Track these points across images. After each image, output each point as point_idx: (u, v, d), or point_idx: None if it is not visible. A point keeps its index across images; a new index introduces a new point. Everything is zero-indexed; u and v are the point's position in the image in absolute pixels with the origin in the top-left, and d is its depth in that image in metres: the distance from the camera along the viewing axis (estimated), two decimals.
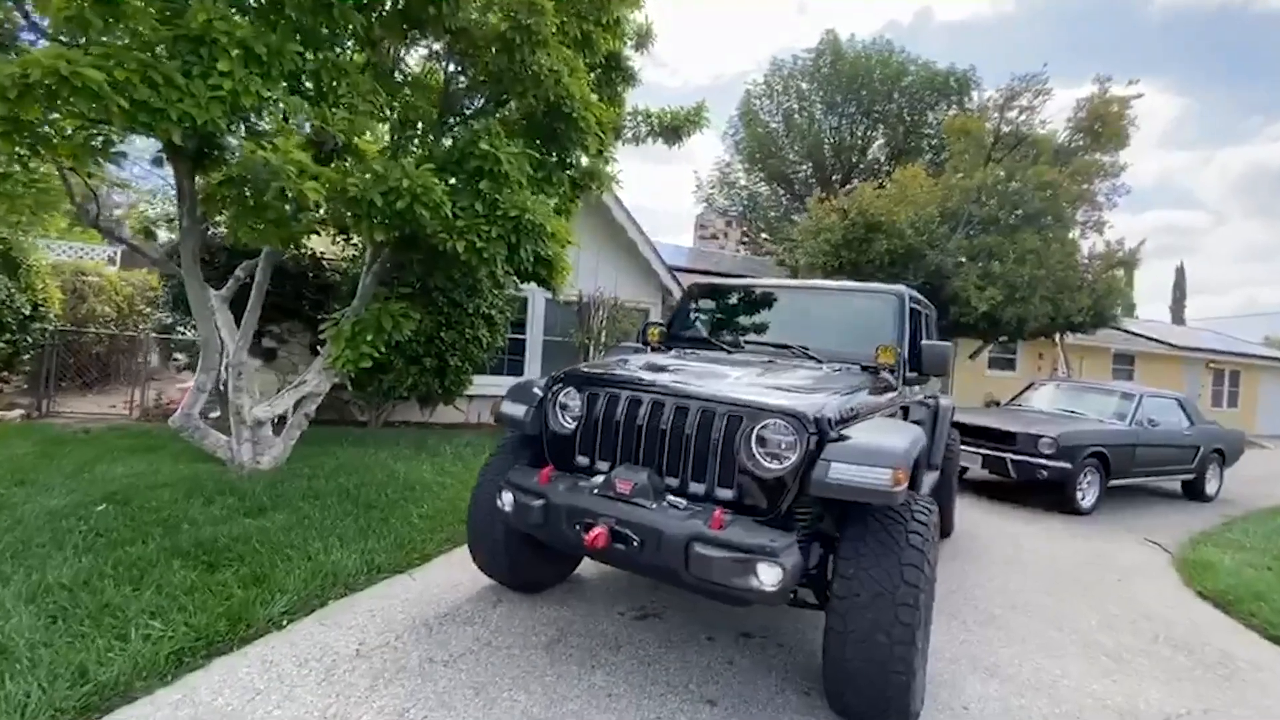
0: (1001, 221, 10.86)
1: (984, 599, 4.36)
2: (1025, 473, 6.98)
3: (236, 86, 3.50)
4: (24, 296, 7.17)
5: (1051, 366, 15.74)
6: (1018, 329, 10.80)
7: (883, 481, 2.45)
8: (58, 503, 4.24)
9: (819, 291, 4.48)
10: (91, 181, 5.39)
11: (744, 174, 29.90)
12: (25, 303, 7.16)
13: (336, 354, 5.56)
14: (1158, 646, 3.87)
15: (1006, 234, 10.71)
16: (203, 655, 2.75)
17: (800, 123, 27.57)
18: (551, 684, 2.85)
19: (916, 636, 2.42)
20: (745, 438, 2.71)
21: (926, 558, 2.54)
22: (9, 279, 7.13)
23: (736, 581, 2.43)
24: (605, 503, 2.76)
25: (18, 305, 7.00)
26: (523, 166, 4.88)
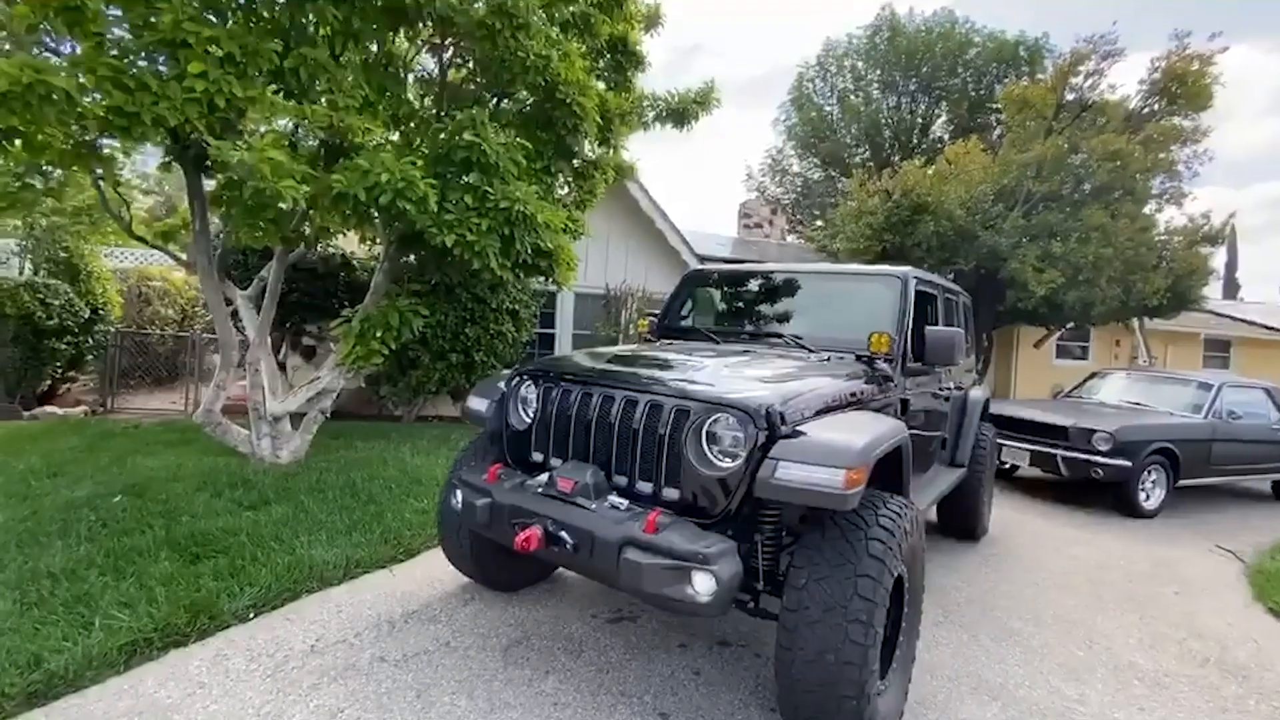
0: (1064, 197, 9.98)
1: (1006, 611, 3.96)
2: (1078, 470, 6.37)
3: (210, 88, 3.55)
4: (83, 301, 7.69)
5: (1130, 355, 14.45)
6: (1083, 314, 9.91)
7: (833, 483, 2.20)
8: (80, 494, 4.48)
9: (818, 276, 4.17)
10: (121, 188, 5.69)
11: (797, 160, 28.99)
12: (85, 307, 7.67)
13: (347, 351, 5.65)
14: (1205, 671, 3.40)
15: (1069, 211, 9.83)
16: (158, 647, 2.80)
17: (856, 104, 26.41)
18: (498, 689, 2.75)
19: (869, 657, 2.16)
20: (690, 433, 2.50)
21: (888, 568, 2.27)
22: (70, 285, 7.67)
23: (668, 591, 2.24)
24: (545, 502, 2.62)
25: (77, 310, 7.51)
26: (514, 157, 4.78)
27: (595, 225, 10.27)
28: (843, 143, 27.24)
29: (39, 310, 7.01)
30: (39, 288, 7.14)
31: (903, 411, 3.51)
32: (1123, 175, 9.41)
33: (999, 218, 10.14)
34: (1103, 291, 9.41)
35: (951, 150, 11.54)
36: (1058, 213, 9.87)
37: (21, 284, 7.07)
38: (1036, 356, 13.43)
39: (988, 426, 5.29)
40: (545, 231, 4.93)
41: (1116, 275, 9.33)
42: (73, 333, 7.56)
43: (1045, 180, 9.99)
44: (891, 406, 3.37)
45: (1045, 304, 9.70)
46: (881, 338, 3.38)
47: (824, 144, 26.75)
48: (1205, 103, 9.79)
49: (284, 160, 3.67)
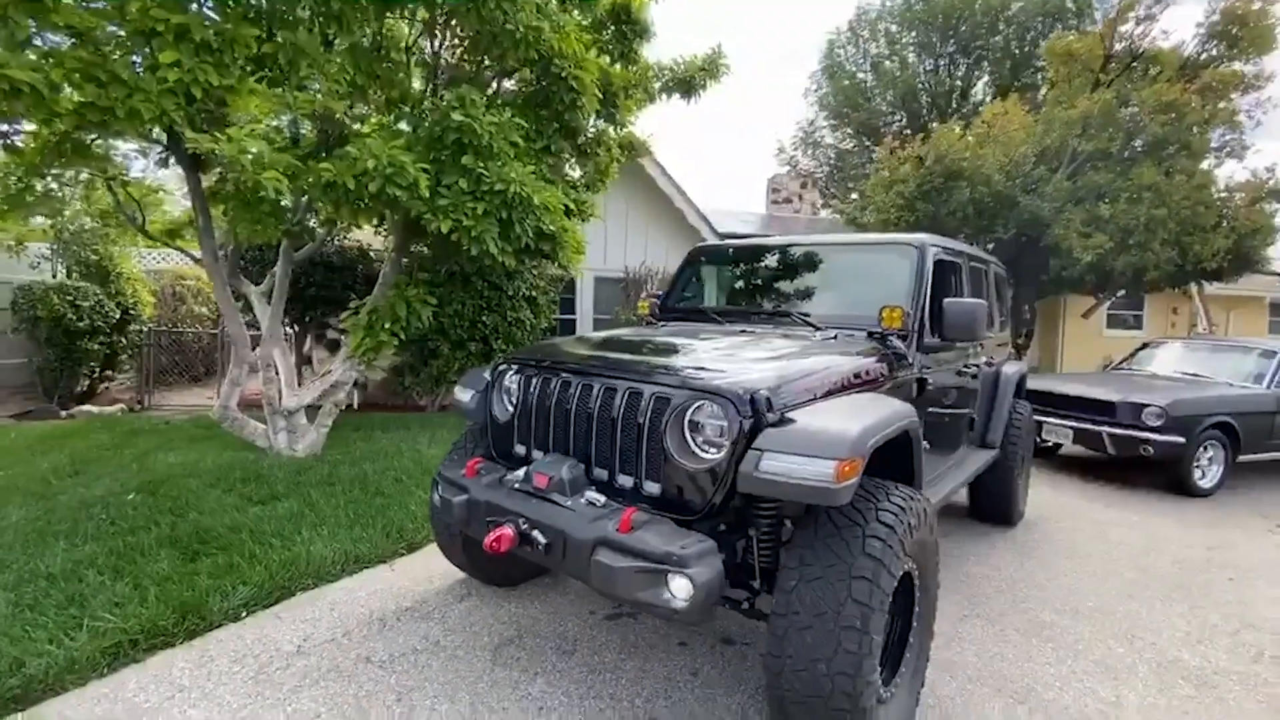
0: (1113, 156, 9.29)
1: (1039, 602, 3.68)
2: (1126, 448, 5.94)
3: (185, 77, 3.46)
4: (114, 302, 7.88)
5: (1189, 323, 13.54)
6: (1134, 281, 9.26)
7: (823, 477, 1.98)
8: (96, 492, 4.56)
9: (828, 248, 3.89)
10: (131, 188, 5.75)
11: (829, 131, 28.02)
12: (115, 308, 7.86)
13: (356, 343, 5.62)
14: (1260, 668, 3.07)
15: (1118, 170, 9.16)
16: (144, 649, 2.78)
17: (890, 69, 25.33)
18: (483, 692, 2.64)
19: (865, 667, 1.95)
20: (671, 422, 2.31)
21: (887, 569, 2.05)
22: (100, 287, 7.86)
23: (643, 595, 2.07)
24: (519, 499, 2.48)
25: (107, 311, 7.70)
26: (509, 136, 4.61)
27: (613, 206, 10.07)
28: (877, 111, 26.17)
29: (70, 312, 7.21)
30: (69, 290, 7.34)
31: (919, 392, 3.24)
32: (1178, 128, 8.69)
33: (1041, 181, 9.52)
34: (1155, 256, 8.75)
35: (990, 110, 10.90)
36: (1106, 173, 9.20)
37: (52, 287, 7.28)
38: (1085, 327, 12.69)
39: (1023, 404, 4.94)
40: (545, 214, 4.75)
41: (1170, 237, 8.66)
42: (105, 333, 7.77)
43: (1092, 138, 9.32)
44: (905, 387, 3.10)
45: (1092, 271, 9.09)
46: (893, 312, 3.11)
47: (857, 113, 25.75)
48: (1269, 45, 8.93)
49: (264, 151, 3.57)
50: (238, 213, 4.53)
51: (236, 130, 3.61)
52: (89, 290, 7.57)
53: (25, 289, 7.20)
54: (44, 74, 3.05)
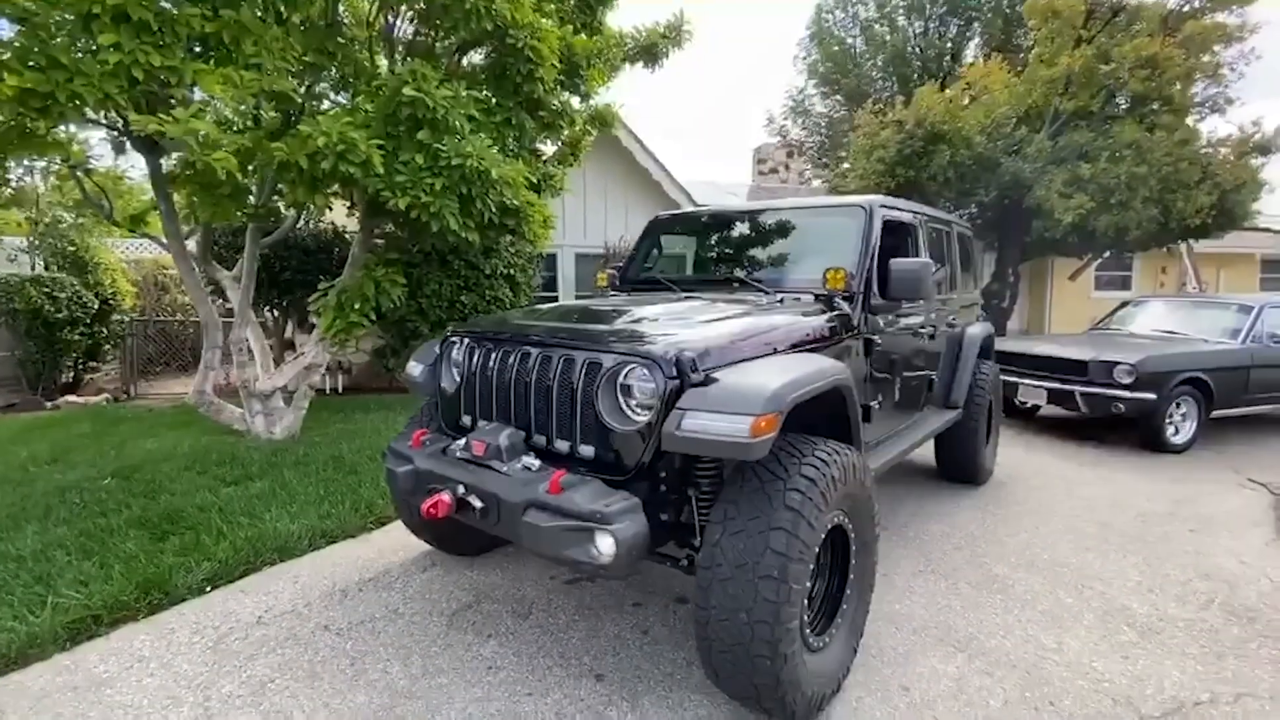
0: (1095, 114, 9.18)
1: (995, 557, 3.74)
2: (1098, 407, 5.98)
3: (125, 59, 3.44)
4: (92, 293, 7.89)
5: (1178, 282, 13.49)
6: (1117, 240, 9.21)
7: (738, 432, 2.02)
8: (72, 478, 4.63)
9: (783, 212, 3.89)
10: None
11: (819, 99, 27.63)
12: (93, 298, 7.88)
13: (326, 324, 5.65)
14: (1208, 614, 3.14)
15: (1099, 128, 9.06)
16: (107, 624, 2.85)
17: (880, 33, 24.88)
18: (435, 655, 2.71)
19: (783, 615, 2.00)
20: (603, 386, 2.35)
21: (806, 520, 2.09)
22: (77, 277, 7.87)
23: (570, 553, 2.12)
24: (459, 467, 2.52)
25: (85, 301, 7.72)
26: (465, 110, 4.58)
27: (593, 181, 10.02)
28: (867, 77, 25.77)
29: (47, 304, 7.23)
30: (45, 282, 7.35)
31: (866, 352, 3.27)
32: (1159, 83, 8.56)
33: (1023, 142, 9.42)
34: (1138, 214, 8.69)
35: (972, 71, 10.75)
36: (1087, 132, 9.10)
37: (28, 279, 7.29)
38: (1073, 290, 12.66)
39: (989, 365, 4.96)
40: (506, 188, 4.73)
41: (1152, 195, 8.59)
42: (84, 324, 7.80)
43: (1074, 97, 9.20)
44: (850, 348, 3.13)
45: (1075, 232, 9.04)
46: (836, 274, 3.12)
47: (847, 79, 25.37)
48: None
49: (210, 130, 3.56)
50: (196, 196, 4.54)
51: (182, 111, 3.59)
52: (66, 281, 7.58)
53: (2, 282, 7.21)
54: None
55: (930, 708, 2.43)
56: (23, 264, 7.96)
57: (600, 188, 9.69)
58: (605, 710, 2.38)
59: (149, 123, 3.51)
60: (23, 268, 7.90)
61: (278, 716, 2.32)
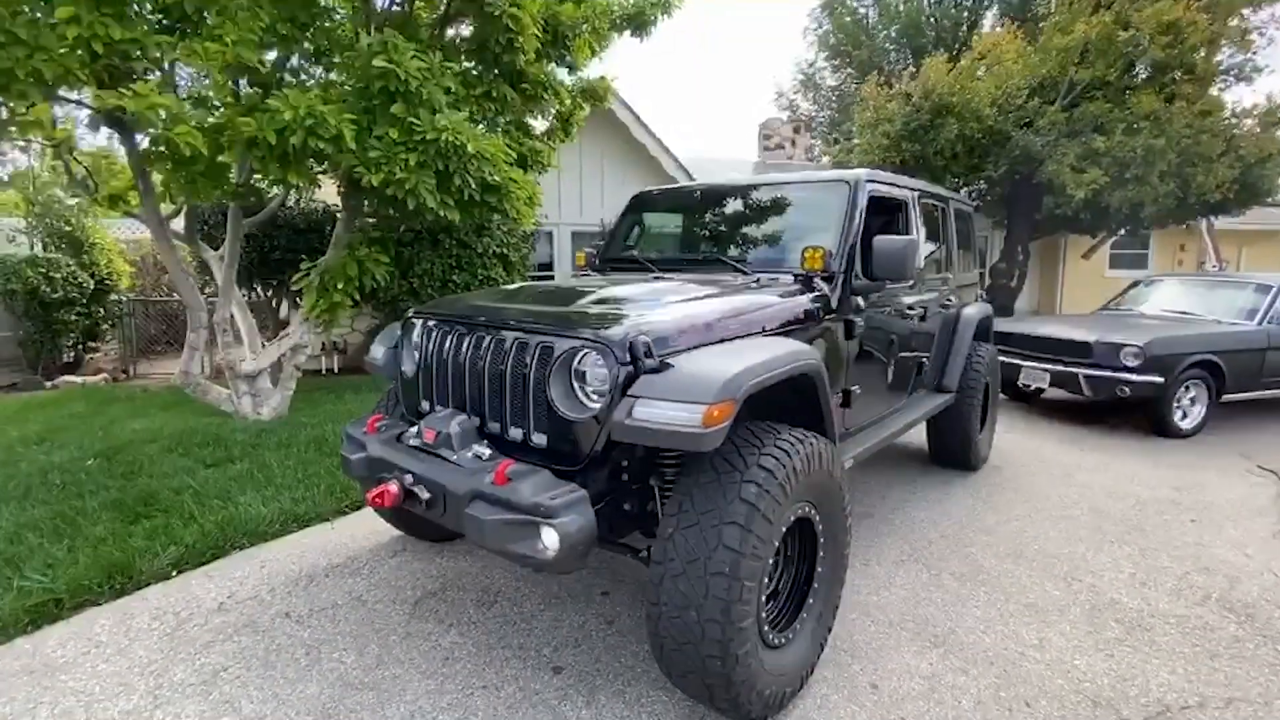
0: (1112, 85, 8.80)
1: (983, 546, 3.62)
2: (1102, 390, 5.79)
3: (84, 32, 3.32)
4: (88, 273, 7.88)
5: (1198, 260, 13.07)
6: (1131, 217, 8.89)
7: (689, 422, 1.90)
8: (57, 458, 4.62)
9: (766, 188, 3.72)
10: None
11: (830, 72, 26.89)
12: (89, 278, 7.87)
13: (310, 304, 5.57)
14: (1203, 610, 3.01)
15: (1116, 99, 8.69)
16: (70, 608, 2.82)
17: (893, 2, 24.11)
18: (393, 644, 2.66)
19: (734, 614, 1.90)
20: (555, 372, 2.24)
21: (762, 514, 1.98)
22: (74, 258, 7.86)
23: (515, 548, 2.02)
24: (410, 455, 2.44)
25: (81, 281, 7.71)
26: (440, 82, 4.42)
27: (589, 158, 9.81)
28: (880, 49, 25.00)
29: (43, 285, 7.23)
30: (41, 262, 7.34)
31: (847, 334, 3.13)
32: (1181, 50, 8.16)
33: (1035, 114, 9.08)
34: (1154, 189, 8.36)
35: (984, 40, 10.36)
36: (1103, 103, 8.74)
37: (24, 260, 7.28)
38: (1087, 268, 12.31)
39: (986, 348, 4.79)
40: (484, 163, 4.58)
41: (1171, 169, 8.24)
42: (81, 304, 7.80)
43: (1090, 66, 8.82)
44: (828, 330, 2.99)
45: (1087, 208, 8.73)
46: (814, 253, 2.96)
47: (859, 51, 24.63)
48: None
49: (169, 105, 3.45)
50: (169, 174, 4.45)
51: (143, 86, 3.48)
52: (62, 262, 7.56)
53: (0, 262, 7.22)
54: None
55: (898, 707, 2.33)
56: (21, 245, 7.96)
57: (597, 164, 9.49)
58: (560, 705, 2.31)
59: (109, 98, 3.40)
60: (21, 248, 7.89)
61: (225, 707, 2.28)
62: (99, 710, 2.24)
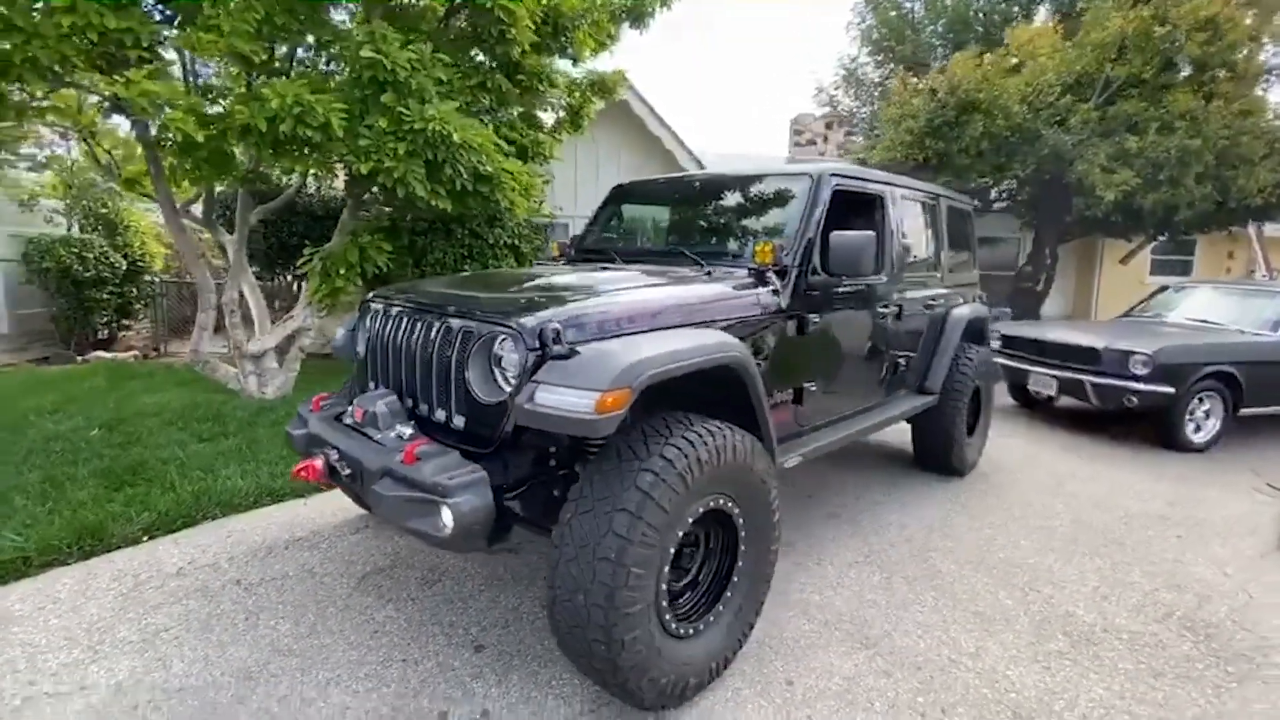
0: (1148, 83, 8.39)
1: (945, 552, 3.53)
2: (1109, 398, 5.55)
3: (79, 21, 3.50)
4: (120, 254, 8.29)
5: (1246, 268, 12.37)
6: (1165, 221, 8.48)
7: (583, 408, 1.92)
8: (64, 427, 4.89)
9: (737, 181, 3.69)
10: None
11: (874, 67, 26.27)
12: (121, 259, 8.28)
13: (313, 289, 5.76)
14: (1161, 628, 2.88)
15: (1152, 98, 8.29)
16: (38, 566, 3.00)
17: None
18: (330, 616, 2.75)
19: (618, 600, 1.91)
20: (474, 355, 2.28)
21: (657, 503, 1.98)
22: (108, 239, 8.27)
23: (416, 524, 2.07)
24: (341, 432, 2.51)
25: (113, 261, 8.11)
26: (431, 72, 4.51)
27: (605, 150, 9.83)
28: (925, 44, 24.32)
29: (75, 264, 7.63)
30: (74, 242, 7.76)
31: (799, 330, 3.08)
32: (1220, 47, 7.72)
33: (1067, 112, 8.73)
34: (1189, 192, 7.96)
35: (1017, 35, 10.00)
36: (1138, 101, 8.35)
37: (58, 240, 7.70)
38: (1124, 274, 11.79)
39: (978, 350, 4.65)
40: (471, 153, 4.65)
41: (1208, 171, 7.82)
42: (113, 283, 8.21)
43: (1127, 62, 8.43)
44: (775, 325, 2.95)
45: (1118, 210, 8.36)
46: (765, 247, 2.93)
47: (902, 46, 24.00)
48: None
49: (161, 92, 3.60)
50: (175, 159, 4.65)
51: (135, 73, 3.65)
52: (94, 242, 7.98)
53: (35, 241, 7.64)
54: None
55: (808, 705, 2.31)
56: (59, 225, 8.41)
57: (613, 156, 9.52)
58: (471, 682, 2.36)
59: (104, 84, 3.57)
60: (59, 229, 8.34)
61: (156, 664, 2.40)
62: (40, 661, 2.39)
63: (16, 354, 7.81)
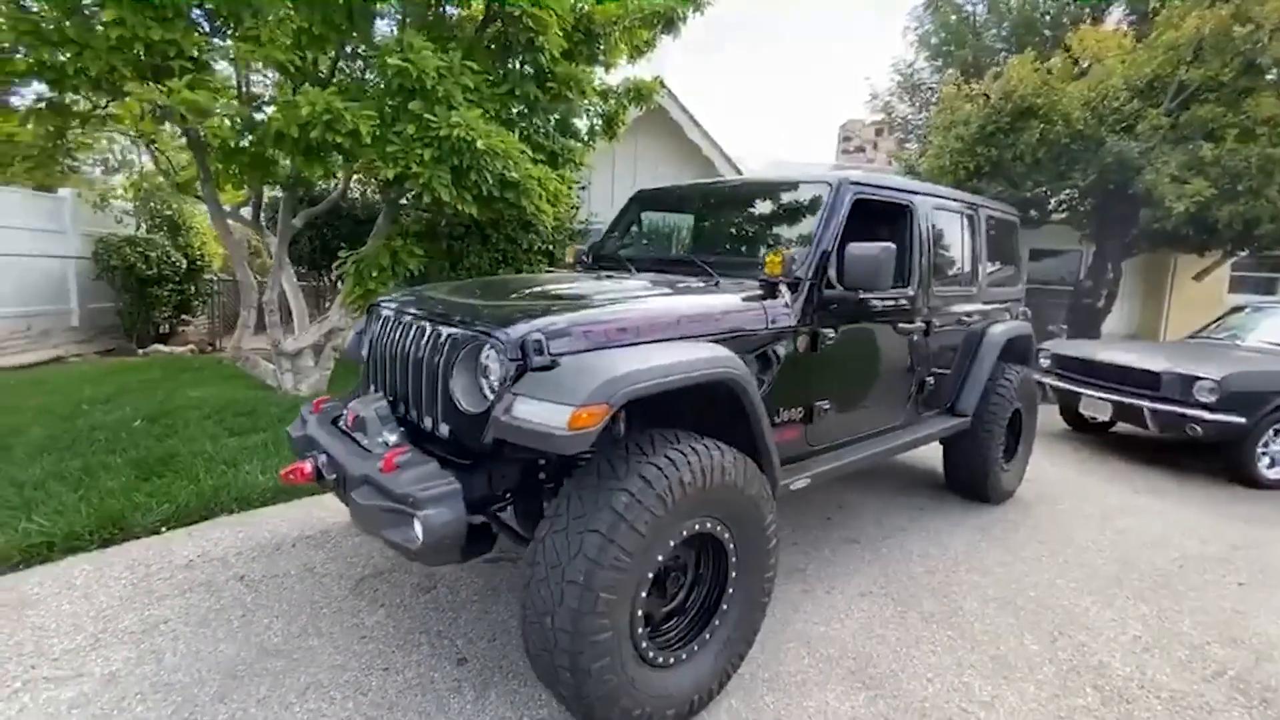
0: (1226, 85, 7.77)
1: (969, 587, 3.30)
2: (1171, 427, 5.13)
3: (126, 33, 3.67)
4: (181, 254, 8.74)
5: None
6: (1245, 235, 7.82)
7: (555, 424, 1.85)
8: (111, 418, 5.14)
9: (751, 189, 3.58)
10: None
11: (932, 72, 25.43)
12: (182, 258, 8.72)
13: (348, 290, 5.91)
14: (1209, 688, 2.60)
15: (1231, 102, 7.67)
16: (61, 551, 3.13)
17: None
18: (324, 617, 2.76)
19: (585, 626, 1.83)
20: (460, 364, 2.24)
21: (630, 525, 1.89)
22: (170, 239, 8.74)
23: (389, 535, 2.04)
24: (334, 436, 2.52)
25: (174, 260, 8.56)
26: (459, 80, 4.56)
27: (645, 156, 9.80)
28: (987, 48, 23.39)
29: (140, 262, 8.08)
30: (139, 242, 8.22)
31: (812, 346, 2.93)
32: None
33: (1135, 118, 8.18)
34: (1273, 204, 7.31)
35: (1082, 36, 9.46)
36: (1215, 106, 7.75)
37: (125, 239, 8.17)
38: (1200, 291, 10.95)
39: (1017, 370, 4.37)
40: (495, 159, 4.67)
41: None
42: (174, 281, 8.65)
43: (1203, 65, 7.84)
44: (784, 340, 2.81)
45: (1191, 223, 7.77)
46: (774, 258, 2.80)
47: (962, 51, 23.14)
48: None
49: (194, 98, 3.74)
50: (220, 163, 4.85)
51: (177, 82, 3.81)
52: (158, 242, 8.44)
53: (103, 240, 8.13)
54: None
55: None
56: (128, 226, 8.93)
57: (651, 163, 9.47)
58: (449, 696, 2.32)
59: (147, 94, 3.74)
60: (128, 229, 8.85)
61: (150, 656, 2.45)
62: (45, 645, 2.47)
63: (84, 345, 8.32)
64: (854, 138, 15.91)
